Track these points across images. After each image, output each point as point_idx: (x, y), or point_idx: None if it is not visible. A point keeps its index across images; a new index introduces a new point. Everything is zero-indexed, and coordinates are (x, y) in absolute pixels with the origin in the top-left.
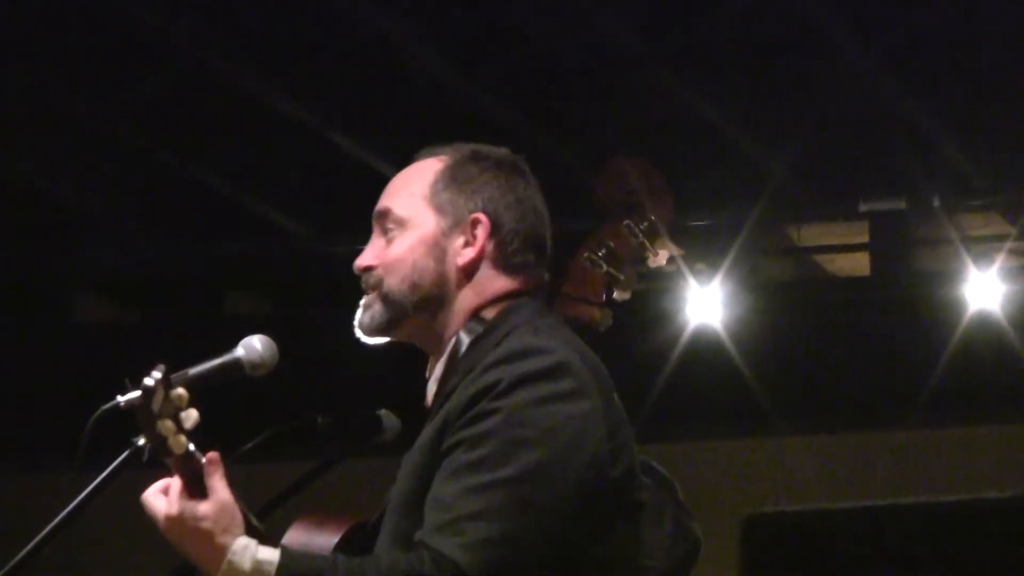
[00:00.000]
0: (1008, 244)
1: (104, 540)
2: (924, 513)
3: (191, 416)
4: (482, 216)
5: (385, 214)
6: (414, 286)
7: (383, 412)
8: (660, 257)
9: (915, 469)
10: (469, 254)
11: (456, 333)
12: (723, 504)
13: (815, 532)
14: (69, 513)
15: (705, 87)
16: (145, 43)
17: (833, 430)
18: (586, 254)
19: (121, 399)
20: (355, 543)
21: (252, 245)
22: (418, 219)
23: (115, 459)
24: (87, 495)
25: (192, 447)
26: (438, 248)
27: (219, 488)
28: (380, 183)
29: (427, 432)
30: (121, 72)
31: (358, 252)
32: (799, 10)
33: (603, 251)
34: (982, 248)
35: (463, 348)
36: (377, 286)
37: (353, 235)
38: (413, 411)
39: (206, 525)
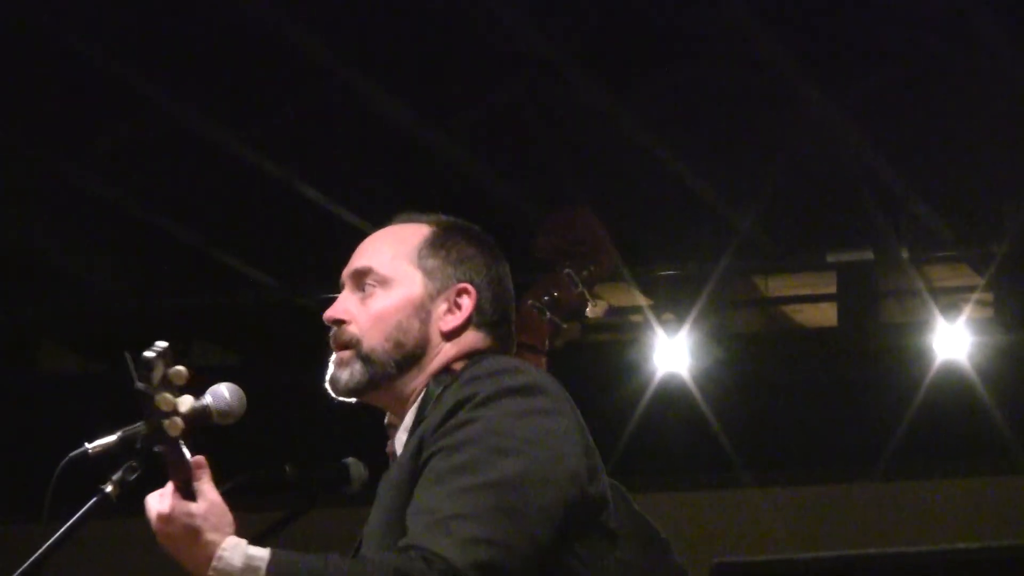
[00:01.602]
0: (975, 295)
1: None
2: (891, 563)
3: (186, 401)
4: (469, 286)
5: (365, 272)
6: (398, 344)
7: (351, 461)
8: (599, 308)
9: (881, 520)
10: (453, 321)
11: (425, 385)
12: (688, 555)
13: None
14: (35, 563)
15: (672, 139)
16: (112, 95)
17: (799, 481)
18: (531, 301)
19: (89, 446)
20: None
21: (219, 296)
22: (404, 279)
23: (83, 508)
24: (53, 543)
25: (184, 448)
26: (424, 310)
27: (208, 490)
28: (347, 235)
29: (403, 456)
30: (88, 124)
31: (325, 303)
32: (765, 63)
33: (547, 299)
34: (949, 299)
35: (433, 397)
36: (354, 344)
37: (320, 286)
38: (381, 461)
39: (196, 523)
